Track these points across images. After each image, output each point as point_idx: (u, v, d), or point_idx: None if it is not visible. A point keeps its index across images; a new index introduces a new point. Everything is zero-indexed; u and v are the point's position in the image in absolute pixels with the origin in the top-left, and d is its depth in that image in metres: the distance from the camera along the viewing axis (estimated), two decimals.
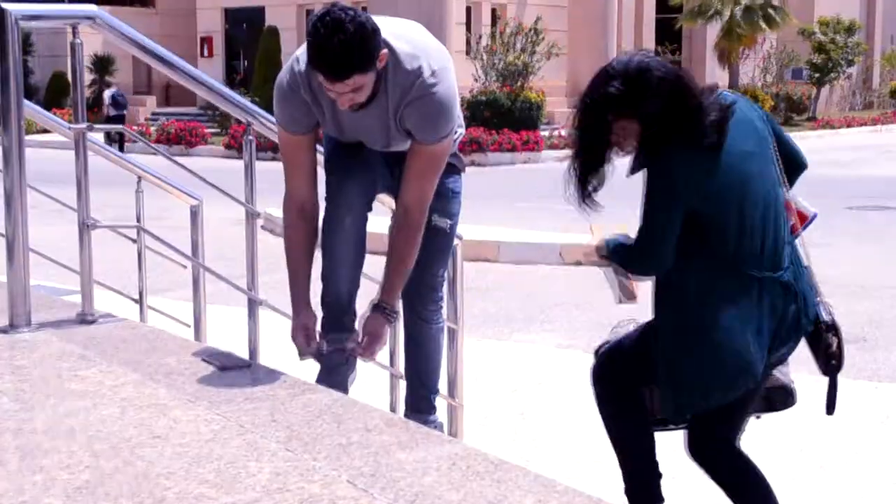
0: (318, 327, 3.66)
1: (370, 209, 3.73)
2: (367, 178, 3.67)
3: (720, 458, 3.38)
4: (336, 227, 3.64)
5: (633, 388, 3.45)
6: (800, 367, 3.50)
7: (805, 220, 3.39)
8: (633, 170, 3.28)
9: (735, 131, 3.15)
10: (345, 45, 3.17)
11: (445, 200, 3.78)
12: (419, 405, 4.01)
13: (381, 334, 3.65)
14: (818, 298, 3.33)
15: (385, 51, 3.31)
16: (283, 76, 3.54)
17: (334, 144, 3.72)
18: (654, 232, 3.18)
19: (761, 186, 3.20)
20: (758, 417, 3.50)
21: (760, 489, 3.35)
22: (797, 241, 3.34)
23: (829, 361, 3.35)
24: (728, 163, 3.13)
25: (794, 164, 3.39)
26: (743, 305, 3.14)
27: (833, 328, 3.34)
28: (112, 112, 26.21)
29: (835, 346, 3.34)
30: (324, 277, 3.69)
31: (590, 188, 3.32)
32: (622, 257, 3.39)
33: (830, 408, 3.40)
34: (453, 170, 3.82)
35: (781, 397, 3.45)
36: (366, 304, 3.68)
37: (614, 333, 3.58)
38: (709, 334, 3.13)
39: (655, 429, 3.51)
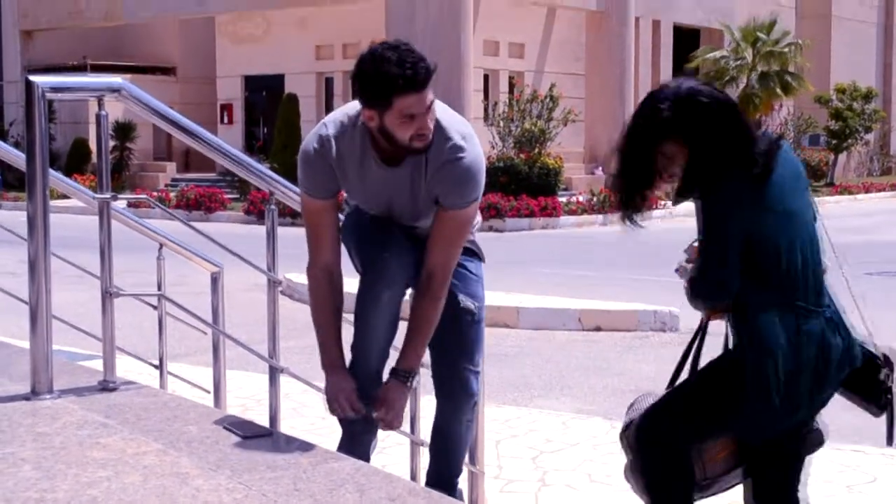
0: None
1: (409, 286, 3.69)
2: (406, 255, 3.62)
3: None
4: (372, 301, 3.60)
5: (682, 451, 3.35)
6: None
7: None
8: (678, 199, 3.29)
9: (780, 167, 3.18)
10: (408, 52, 3.31)
11: (469, 282, 3.78)
12: (441, 485, 3.96)
13: (400, 403, 3.61)
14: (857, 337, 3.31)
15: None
16: (308, 142, 3.58)
17: (366, 219, 3.70)
18: (714, 260, 3.16)
19: (804, 221, 3.22)
20: None
21: None
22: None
23: (886, 395, 3.33)
24: (775, 195, 3.15)
25: None
26: (797, 339, 3.14)
27: (889, 362, 3.33)
28: None
29: (890, 380, 3.32)
30: (354, 348, 3.67)
31: (633, 209, 3.31)
32: (693, 286, 3.30)
33: (890, 439, 3.37)
34: (473, 255, 3.84)
35: (817, 439, 3.43)
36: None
37: (634, 410, 3.53)
38: (770, 364, 3.12)
39: (702, 495, 3.47)
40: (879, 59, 49.11)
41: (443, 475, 3.93)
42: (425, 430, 4.14)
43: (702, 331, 3.48)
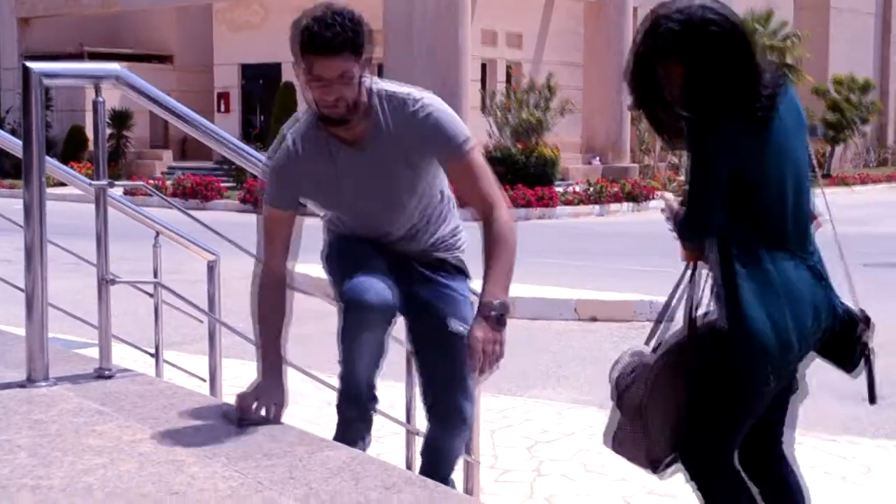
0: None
1: (392, 320, 3.56)
2: (387, 290, 3.48)
3: (772, 464, 3.31)
4: (353, 339, 3.51)
5: (732, 462, 3.28)
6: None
7: (815, 219, 3.29)
8: (662, 130, 3.21)
9: (784, 107, 3.07)
10: (337, 15, 3.24)
11: (457, 304, 3.69)
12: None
13: (486, 344, 3.23)
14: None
15: (369, 62, 3.36)
16: (273, 152, 3.56)
17: (348, 249, 3.66)
18: (697, 195, 3.07)
19: (799, 166, 3.12)
20: None
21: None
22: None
23: (863, 354, 3.23)
24: (777, 135, 3.05)
25: None
26: (790, 283, 3.05)
27: (868, 320, 3.25)
28: None
29: (868, 339, 3.24)
30: (342, 364, 3.61)
31: (660, 130, 3.22)
32: (679, 223, 3.21)
33: (872, 397, 3.26)
34: (459, 273, 3.76)
35: (803, 390, 3.39)
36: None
37: (618, 366, 3.39)
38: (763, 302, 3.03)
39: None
40: (877, 50, 49.12)
41: (435, 475, 3.91)
42: (420, 419, 4.14)
43: (691, 274, 3.34)
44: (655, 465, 3.42)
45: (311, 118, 3.51)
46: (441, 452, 3.90)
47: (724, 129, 3.02)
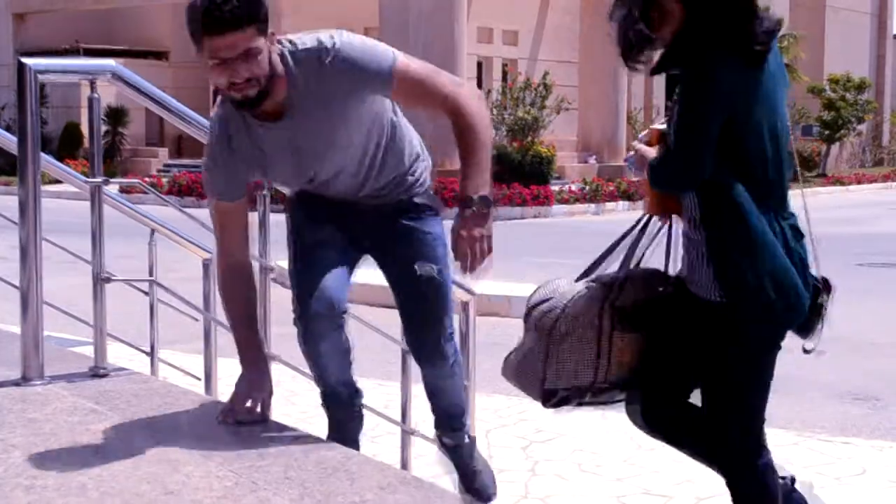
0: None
1: (343, 318, 3.50)
2: (335, 289, 3.45)
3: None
4: (313, 346, 3.49)
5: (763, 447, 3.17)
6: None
7: None
8: (657, 70, 3.10)
9: (772, 55, 2.99)
10: None
11: (425, 246, 3.57)
12: (451, 427, 3.95)
13: (479, 239, 3.09)
14: None
15: (272, 35, 3.26)
16: (208, 142, 3.45)
17: (301, 233, 3.61)
18: (691, 139, 2.93)
19: (779, 118, 3.03)
20: None
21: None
22: None
23: (821, 319, 3.16)
24: (766, 82, 2.96)
25: None
26: (781, 240, 2.98)
27: (829, 287, 3.17)
28: None
29: (827, 303, 3.17)
30: (312, 371, 3.63)
31: (636, 53, 3.12)
32: (655, 169, 3.09)
33: (812, 349, 3.17)
34: (429, 211, 3.63)
35: None
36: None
37: (547, 292, 3.36)
38: (771, 261, 2.93)
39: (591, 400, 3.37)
40: (873, 49, 49.15)
41: (451, 413, 3.89)
42: (416, 418, 4.14)
43: (642, 228, 3.29)
44: (549, 396, 3.36)
45: (227, 101, 3.31)
46: (439, 394, 3.86)
47: (720, 67, 2.91)
